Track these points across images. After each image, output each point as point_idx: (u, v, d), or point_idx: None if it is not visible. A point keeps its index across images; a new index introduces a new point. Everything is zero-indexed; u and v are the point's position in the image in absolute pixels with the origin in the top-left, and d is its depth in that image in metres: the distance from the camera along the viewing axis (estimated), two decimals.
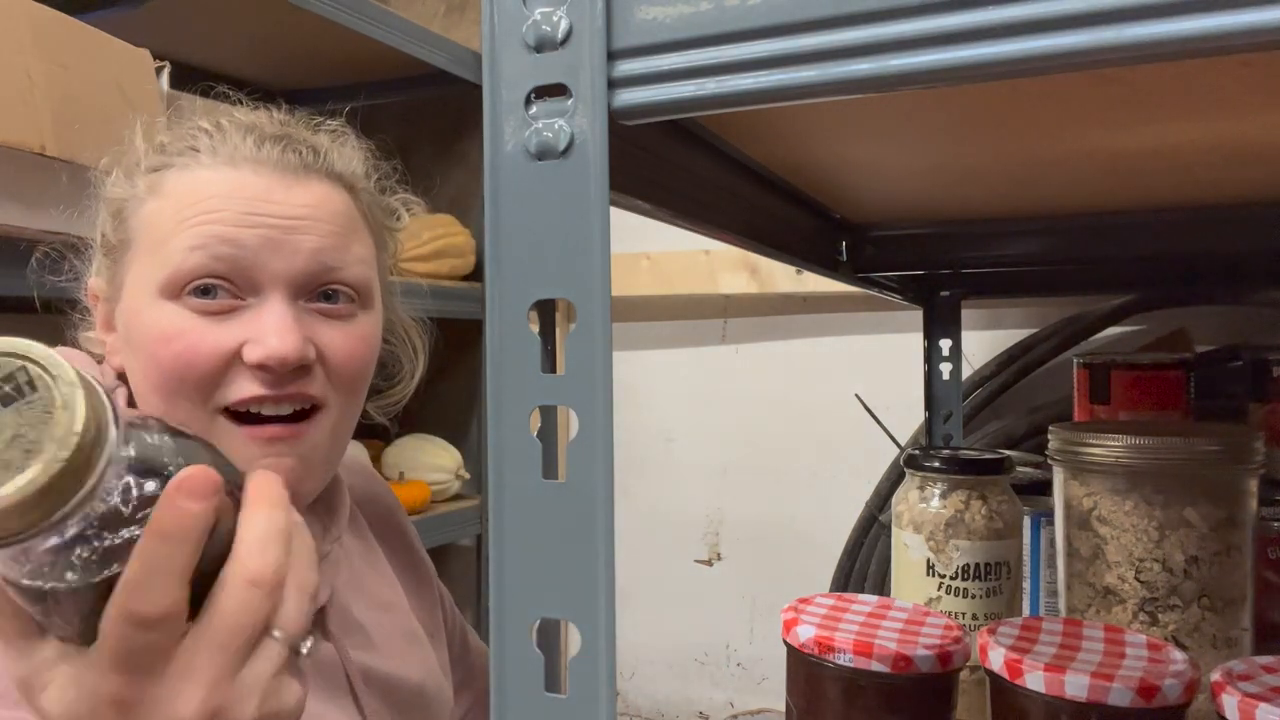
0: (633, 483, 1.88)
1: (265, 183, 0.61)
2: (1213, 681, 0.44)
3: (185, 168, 0.61)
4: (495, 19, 0.33)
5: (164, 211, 0.60)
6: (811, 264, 0.82)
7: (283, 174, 0.61)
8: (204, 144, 0.62)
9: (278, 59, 1.52)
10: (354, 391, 0.64)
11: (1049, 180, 0.67)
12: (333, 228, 0.62)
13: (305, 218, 0.61)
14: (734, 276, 1.75)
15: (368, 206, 0.67)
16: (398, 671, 0.70)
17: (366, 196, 0.67)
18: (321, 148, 0.64)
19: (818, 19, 0.29)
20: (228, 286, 0.59)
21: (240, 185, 0.60)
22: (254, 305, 0.60)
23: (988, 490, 0.67)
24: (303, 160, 0.62)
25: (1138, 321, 1.40)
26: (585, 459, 0.32)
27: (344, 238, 0.63)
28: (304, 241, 0.60)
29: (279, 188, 0.61)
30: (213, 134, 0.63)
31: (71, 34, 0.88)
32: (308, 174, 0.63)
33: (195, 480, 0.36)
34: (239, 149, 0.62)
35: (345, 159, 0.66)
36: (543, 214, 0.32)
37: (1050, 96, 0.45)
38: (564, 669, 0.33)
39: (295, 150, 0.63)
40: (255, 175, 0.61)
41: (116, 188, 0.64)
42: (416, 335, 0.77)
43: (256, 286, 0.60)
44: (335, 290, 0.62)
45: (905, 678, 0.51)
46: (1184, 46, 0.26)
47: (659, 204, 0.46)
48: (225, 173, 0.61)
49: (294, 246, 0.60)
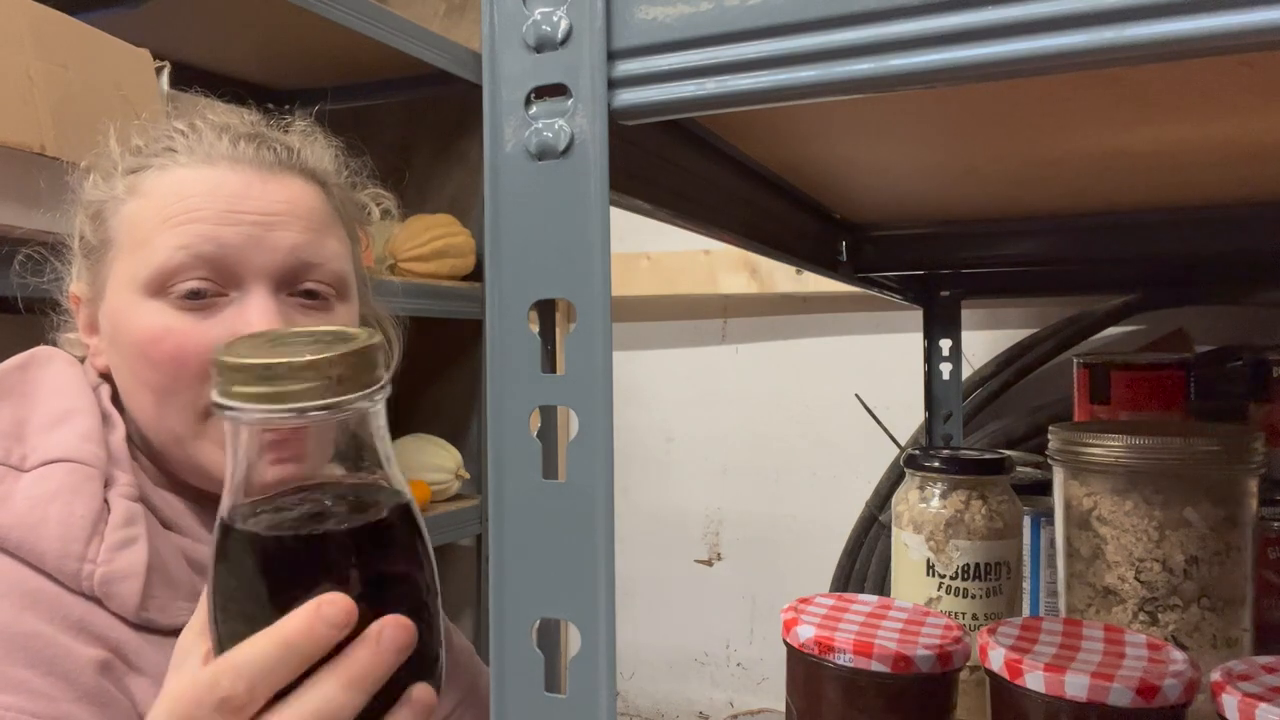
0: (633, 483, 1.88)
1: (243, 179, 0.62)
2: (1213, 681, 0.44)
3: (163, 168, 0.63)
4: (495, 19, 0.33)
5: (145, 211, 0.62)
6: (811, 264, 0.82)
7: (258, 170, 0.63)
8: (180, 144, 0.64)
9: (278, 59, 1.52)
10: None
11: (1049, 180, 0.67)
12: (309, 223, 0.64)
13: (283, 213, 0.63)
14: (734, 276, 1.75)
15: (340, 202, 0.69)
16: None
17: (338, 192, 0.69)
18: (294, 145, 0.66)
19: (818, 19, 0.29)
20: (211, 282, 0.61)
21: (219, 183, 0.62)
22: (237, 300, 0.61)
23: (988, 490, 0.67)
24: (277, 157, 0.65)
25: (1138, 321, 1.40)
26: (585, 459, 0.32)
27: (320, 233, 0.65)
28: (283, 237, 0.62)
29: (256, 184, 0.63)
30: (188, 134, 0.64)
31: (71, 34, 0.88)
32: (283, 170, 0.65)
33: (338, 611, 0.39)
34: (215, 147, 0.63)
35: (317, 156, 0.68)
36: (543, 214, 0.32)
37: (1050, 96, 0.45)
38: (564, 669, 0.33)
39: (270, 148, 0.65)
40: (233, 172, 0.62)
41: (95, 190, 0.65)
42: (391, 328, 0.78)
43: (239, 281, 0.61)
44: (314, 284, 0.64)
45: (905, 678, 0.51)
46: (1184, 46, 0.26)
47: (659, 204, 0.46)
48: (203, 171, 0.62)
49: (274, 243, 0.62)
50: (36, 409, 0.61)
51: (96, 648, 0.55)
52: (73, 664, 0.53)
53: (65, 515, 0.56)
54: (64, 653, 0.53)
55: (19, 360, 0.64)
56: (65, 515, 0.56)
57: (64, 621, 0.55)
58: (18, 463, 0.58)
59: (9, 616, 0.53)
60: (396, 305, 0.80)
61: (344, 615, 0.39)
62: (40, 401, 0.62)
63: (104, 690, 0.54)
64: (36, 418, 0.61)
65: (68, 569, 0.56)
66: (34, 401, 0.62)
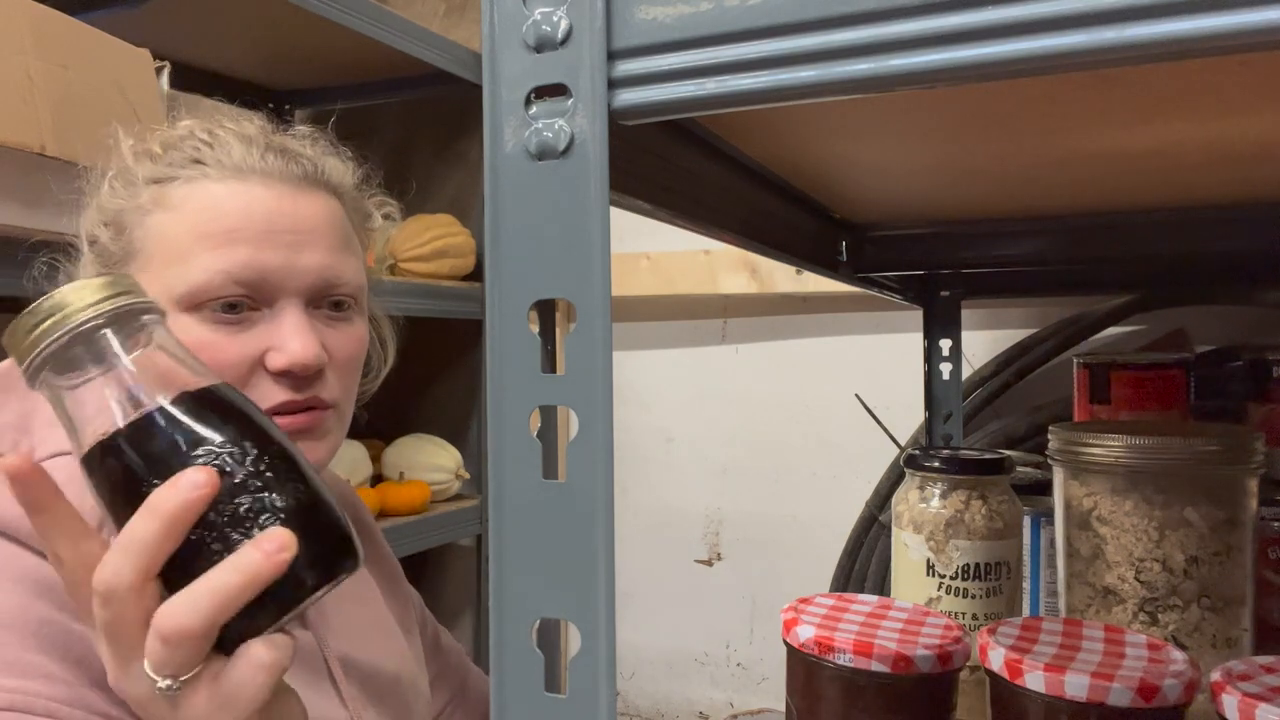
0: (633, 483, 1.88)
1: (275, 195, 0.63)
2: (1213, 681, 0.44)
3: (191, 180, 0.63)
4: (495, 19, 0.33)
5: (177, 225, 0.62)
6: (811, 264, 0.82)
7: (288, 185, 0.64)
8: (207, 155, 0.64)
9: (278, 59, 1.52)
10: (352, 387, 0.68)
11: (1049, 180, 0.67)
12: (334, 240, 0.65)
13: (312, 231, 0.64)
14: (734, 276, 1.75)
15: (352, 212, 0.70)
16: (374, 661, 0.71)
17: (351, 203, 0.70)
18: (317, 160, 0.67)
19: (818, 19, 0.29)
20: (248, 300, 0.62)
21: (252, 199, 0.62)
22: (269, 315, 0.62)
23: (988, 490, 0.67)
24: (304, 171, 0.65)
25: (1138, 321, 1.40)
26: (585, 459, 0.32)
27: (344, 249, 0.66)
28: (314, 256, 0.63)
29: (288, 200, 0.63)
30: (212, 144, 0.64)
31: (71, 34, 0.88)
32: (310, 186, 0.65)
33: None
34: (245, 159, 0.63)
35: (336, 169, 0.69)
36: (543, 214, 0.32)
37: (1050, 96, 0.45)
38: (564, 669, 0.33)
39: (296, 162, 0.65)
40: (264, 188, 0.63)
41: (113, 198, 0.64)
42: (387, 329, 0.80)
43: (272, 299, 0.62)
44: (340, 298, 0.65)
45: (905, 678, 0.51)
46: (1184, 46, 0.26)
47: (659, 204, 0.46)
48: (235, 186, 0.62)
49: (305, 263, 0.63)
50: (41, 403, 0.61)
51: None
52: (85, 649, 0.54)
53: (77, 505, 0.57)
54: (77, 638, 0.54)
55: None
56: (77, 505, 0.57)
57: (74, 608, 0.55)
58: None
59: (23, 604, 0.54)
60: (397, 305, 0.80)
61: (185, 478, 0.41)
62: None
63: None
64: (42, 412, 0.61)
65: None
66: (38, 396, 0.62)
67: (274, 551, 0.41)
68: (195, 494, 0.41)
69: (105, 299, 0.43)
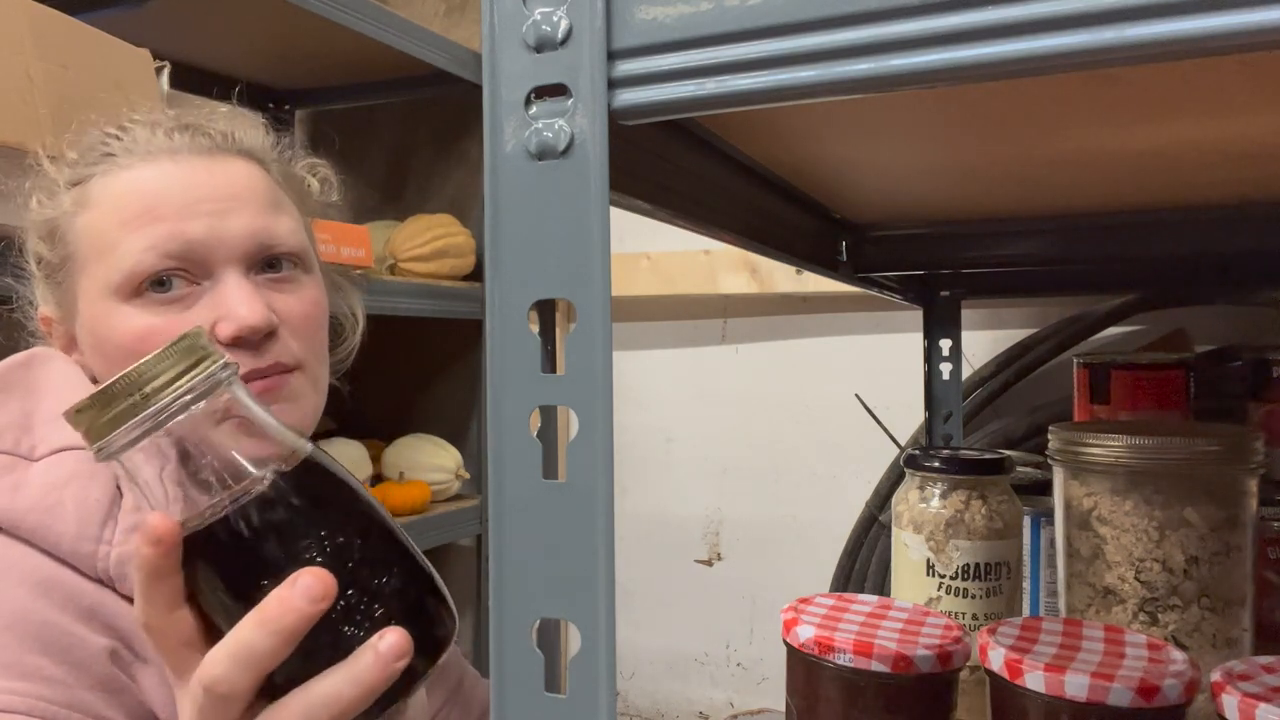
0: (632, 483, 1.88)
1: (187, 169, 0.63)
2: (1213, 681, 0.44)
3: (107, 173, 0.64)
4: (495, 19, 0.33)
5: (101, 219, 0.62)
6: (811, 264, 0.82)
7: (200, 157, 0.64)
8: (116, 146, 0.64)
9: (278, 59, 1.52)
10: (318, 347, 0.68)
11: (1049, 180, 0.67)
12: (260, 202, 0.65)
13: (234, 196, 0.64)
14: (734, 276, 1.75)
15: (281, 176, 0.70)
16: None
17: (277, 168, 0.70)
18: (225, 129, 0.67)
19: (818, 19, 0.29)
20: (182, 274, 0.62)
21: (165, 176, 0.62)
22: (209, 288, 0.62)
23: (988, 490, 0.67)
24: (214, 142, 0.65)
25: (1138, 321, 1.40)
26: (585, 459, 0.32)
27: (273, 210, 0.66)
28: (240, 220, 0.63)
29: (202, 171, 0.63)
30: (121, 136, 0.65)
31: (71, 34, 0.88)
32: (223, 154, 0.65)
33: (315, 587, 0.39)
34: (151, 143, 0.64)
35: (249, 134, 0.69)
36: (543, 214, 0.32)
37: (1050, 96, 0.45)
38: (564, 669, 0.33)
39: (204, 134, 0.65)
40: (175, 164, 0.63)
41: (42, 210, 0.66)
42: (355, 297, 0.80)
43: (209, 270, 0.62)
44: (278, 259, 0.65)
45: (905, 678, 0.51)
46: (1184, 46, 0.26)
47: (659, 204, 0.46)
48: (147, 169, 0.63)
49: (233, 228, 0.63)
50: (43, 402, 0.62)
51: (106, 636, 0.56)
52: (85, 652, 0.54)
53: (81, 498, 0.57)
54: (77, 641, 0.54)
55: (21, 358, 0.64)
56: (81, 498, 0.57)
57: (76, 609, 0.56)
58: (27, 452, 0.60)
59: (24, 605, 0.54)
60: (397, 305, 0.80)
61: (312, 582, 0.38)
62: (46, 395, 0.63)
63: (114, 677, 0.56)
64: (43, 410, 0.61)
65: (84, 550, 0.57)
66: (39, 395, 0.62)
67: (392, 660, 0.39)
68: (313, 609, 0.38)
69: (185, 370, 0.39)
